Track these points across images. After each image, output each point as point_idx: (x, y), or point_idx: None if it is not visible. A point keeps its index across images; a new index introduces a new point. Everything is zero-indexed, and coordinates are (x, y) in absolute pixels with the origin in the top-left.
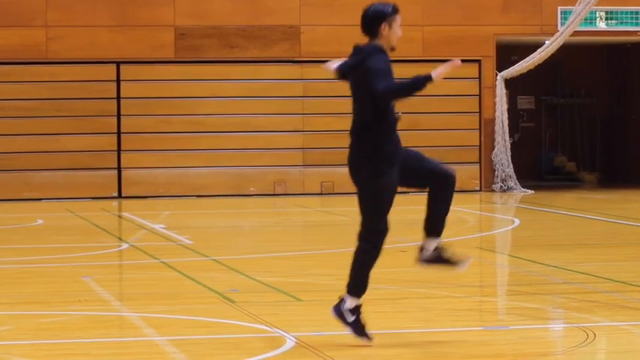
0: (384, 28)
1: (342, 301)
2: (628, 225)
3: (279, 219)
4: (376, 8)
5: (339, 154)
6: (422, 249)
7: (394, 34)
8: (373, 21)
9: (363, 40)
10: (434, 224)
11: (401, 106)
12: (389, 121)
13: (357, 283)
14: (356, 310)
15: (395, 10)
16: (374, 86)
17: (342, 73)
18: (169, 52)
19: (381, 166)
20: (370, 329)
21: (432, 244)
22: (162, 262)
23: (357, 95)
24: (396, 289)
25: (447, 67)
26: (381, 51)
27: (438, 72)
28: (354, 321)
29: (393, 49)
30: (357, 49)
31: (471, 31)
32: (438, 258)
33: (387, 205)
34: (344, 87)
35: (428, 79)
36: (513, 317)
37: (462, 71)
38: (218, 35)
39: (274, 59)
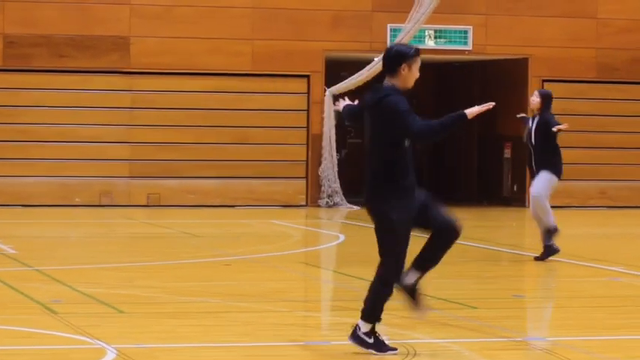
0: (404, 69)
1: (356, 327)
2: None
3: (104, 230)
4: (399, 49)
5: (165, 165)
6: (404, 275)
7: (412, 75)
8: (395, 60)
9: (195, 52)
10: (424, 262)
11: (230, 119)
12: (406, 157)
13: (372, 312)
14: (371, 332)
15: (416, 53)
16: (409, 128)
17: (353, 114)
18: None
19: (397, 201)
20: (194, 342)
21: (413, 277)
22: None
23: (377, 133)
24: (219, 303)
25: (482, 107)
26: (397, 92)
27: (471, 110)
28: (374, 342)
29: (408, 89)
30: (376, 88)
31: (301, 46)
32: (411, 290)
33: (404, 240)
34: (172, 100)
35: (462, 117)
36: (336, 332)
37: (291, 86)
38: (47, 44)
39: (103, 70)
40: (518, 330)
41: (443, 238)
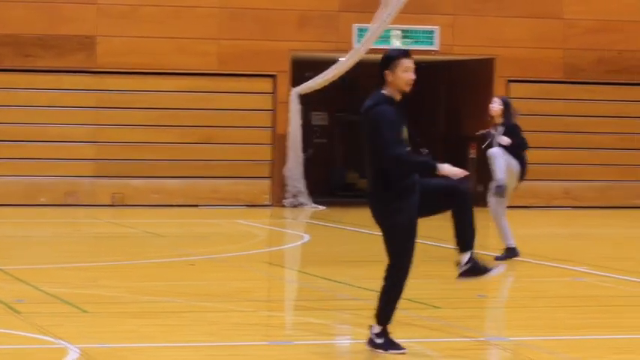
0: (388, 75)
1: (370, 328)
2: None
3: (69, 229)
4: (384, 54)
5: (130, 165)
6: (457, 264)
7: (399, 78)
8: (380, 67)
9: (161, 52)
10: (461, 240)
11: (195, 119)
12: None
13: (383, 314)
14: (382, 333)
15: (398, 55)
16: (386, 149)
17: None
18: None
19: (399, 202)
20: (158, 342)
21: (465, 258)
22: None
23: (367, 142)
24: (183, 303)
25: (456, 171)
26: (384, 102)
27: (444, 168)
28: (382, 342)
29: (404, 92)
30: (372, 94)
31: (267, 45)
32: (473, 269)
33: (409, 240)
34: (138, 99)
35: (433, 168)
36: (300, 332)
37: (257, 86)
38: (13, 44)
39: (69, 69)
40: (482, 330)
41: (458, 210)
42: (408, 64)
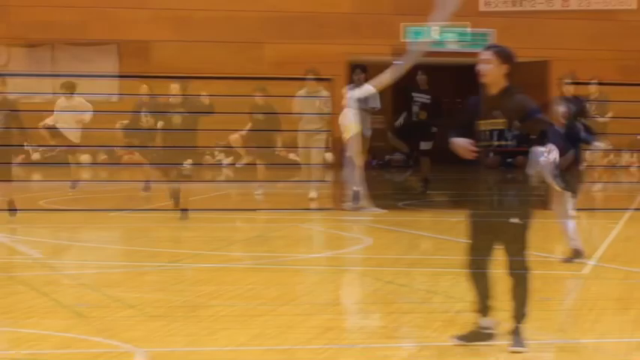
0: None
1: None
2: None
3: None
4: None
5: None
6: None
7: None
8: None
9: (215, 56)
10: (512, 309)
11: (252, 123)
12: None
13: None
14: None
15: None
16: None
17: None
18: None
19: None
20: (225, 346)
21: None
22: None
23: None
24: (249, 307)
25: (461, 151)
26: (478, 93)
27: (454, 145)
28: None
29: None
30: None
31: (322, 49)
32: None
33: (471, 230)
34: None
35: (450, 142)
36: (359, 335)
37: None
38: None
39: (125, 74)
40: (548, 332)
41: (510, 286)
42: (480, 56)
